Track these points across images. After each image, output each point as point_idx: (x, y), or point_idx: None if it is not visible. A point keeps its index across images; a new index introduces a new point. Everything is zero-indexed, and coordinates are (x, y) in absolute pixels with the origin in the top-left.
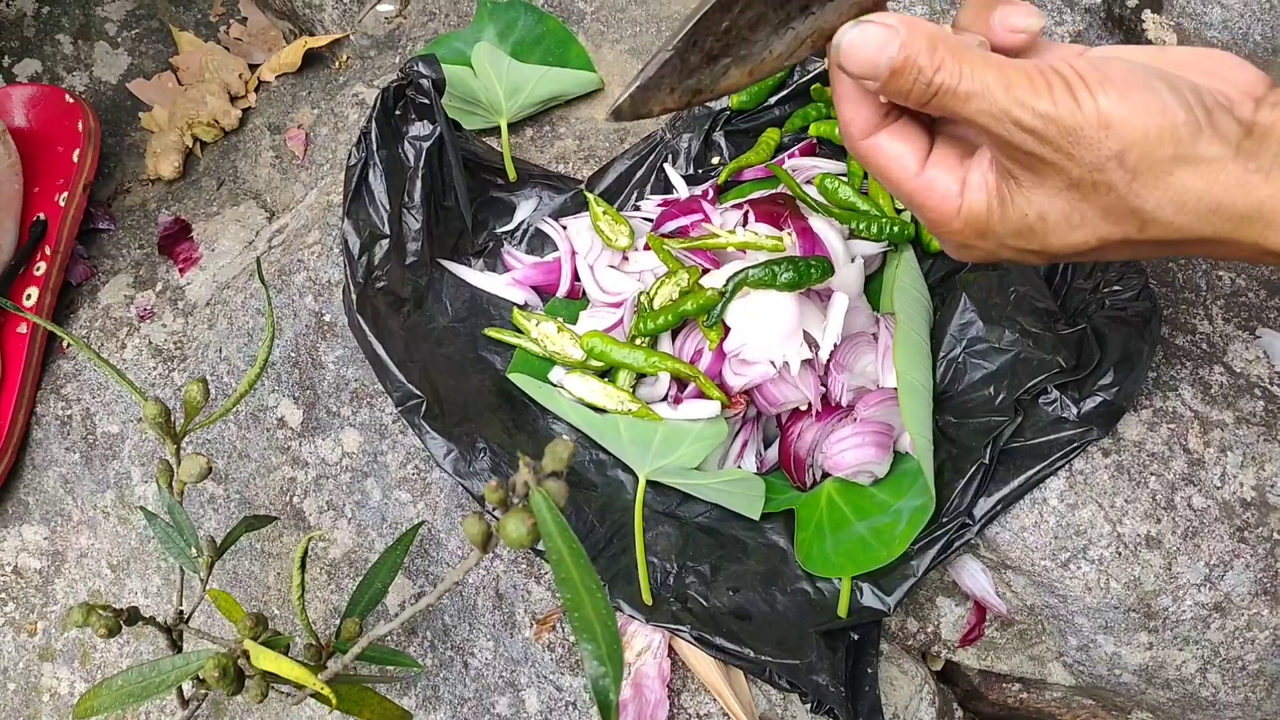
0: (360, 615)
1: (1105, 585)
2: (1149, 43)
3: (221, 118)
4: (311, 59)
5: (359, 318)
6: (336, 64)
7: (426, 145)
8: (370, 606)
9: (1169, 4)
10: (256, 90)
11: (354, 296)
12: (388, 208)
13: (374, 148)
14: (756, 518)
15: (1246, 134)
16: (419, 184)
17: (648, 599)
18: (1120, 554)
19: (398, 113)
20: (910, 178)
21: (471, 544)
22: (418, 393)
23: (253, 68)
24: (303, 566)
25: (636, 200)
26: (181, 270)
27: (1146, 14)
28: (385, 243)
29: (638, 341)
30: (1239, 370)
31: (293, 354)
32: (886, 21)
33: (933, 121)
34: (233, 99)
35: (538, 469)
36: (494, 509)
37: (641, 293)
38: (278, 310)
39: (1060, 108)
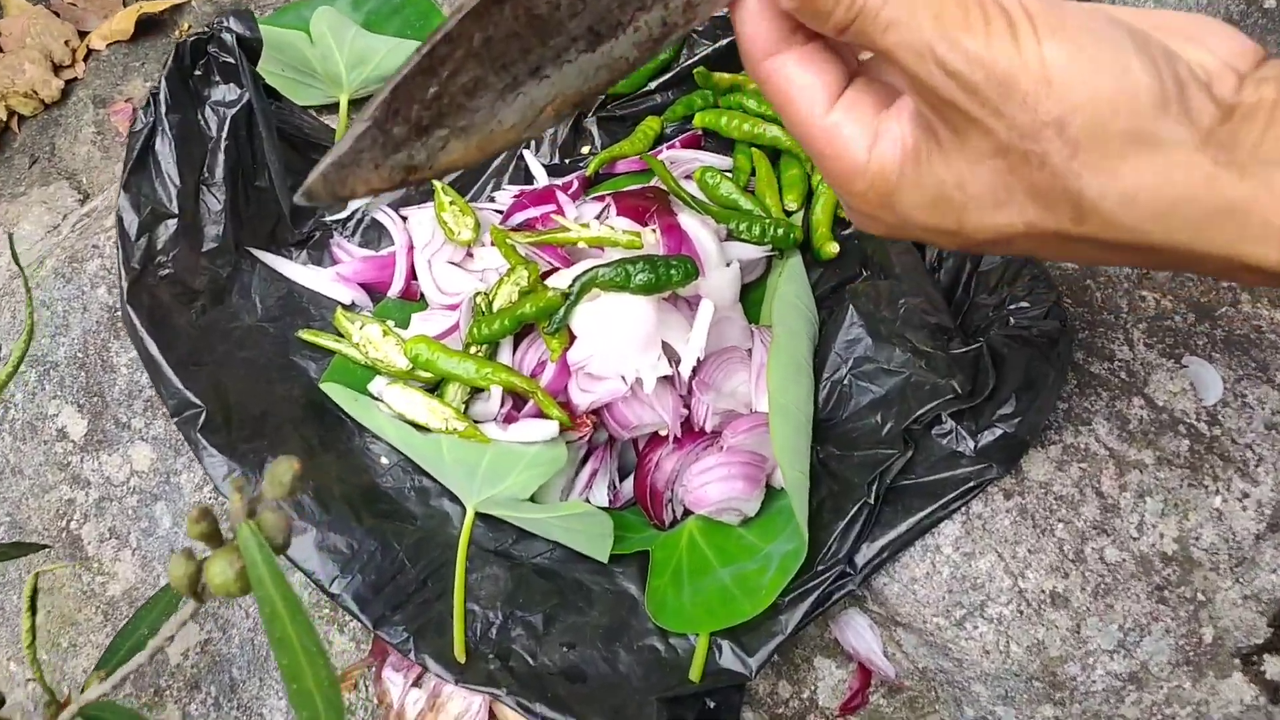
0: (111, 669)
1: (1005, 648)
2: None
3: (41, 88)
4: (149, 26)
5: (129, 310)
6: (177, 32)
7: (232, 113)
8: (131, 656)
9: None
10: (86, 59)
11: (126, 284)
12: (178, 183)
13: (163, 111)
14: (604, 559)
15: (1224, 117)
16: (221, 157)
17: (461, 655)
18: (1023, 612)
19: (198, 73)
20: (814, 118)
21: (175, 588)
22: (196, 401)
23: (84, 34)
24: (32, 608)
25: (492, 191)
26: None
27: None
28: (173, 223)
29: (473, 350)
30: (1161, 404)
31: (80, 354)
32: None
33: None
34: (57, 69)
35: (254, 497)
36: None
37: (479, 293)
38: (65, 303)
39: (994, 49)
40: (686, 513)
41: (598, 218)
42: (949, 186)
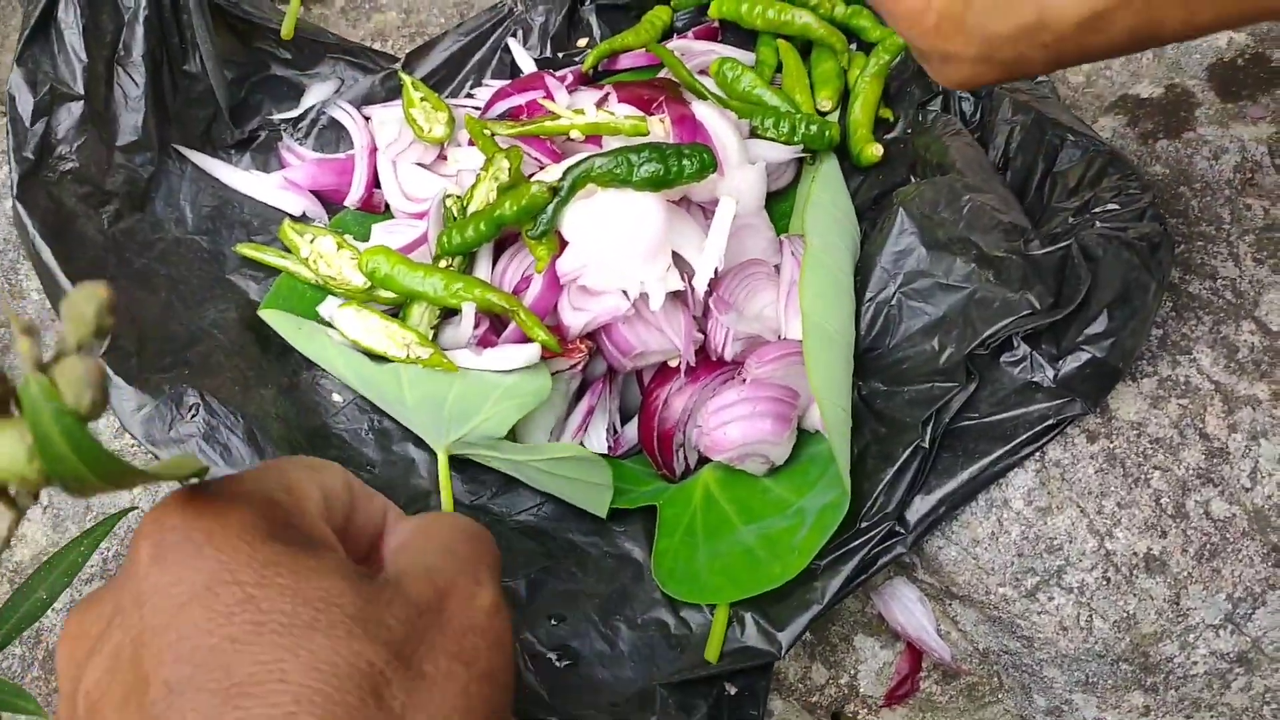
0: (3, 641)
1: (1087, 624)
2: None
3: None
4: None
5: (20, 208)
6: None
7: None
8: (25, 625)
9: None
10: None
11: (16, 177)
12: (84, 58)
13: None
14: (603, 514)
15: None
16: (140, 30)
17: None
18: (1110, 580)
19: None
20: None
21: None
22: None
23: None
24: None
25: (472, 88)
26: None
27: None
28: (77, 108)
29: (443, 264)
30: (1277, 328)
31: None
32: None
33: None
34: None
35: (59, 346)
36: None
37: (450, 196)
38: None
39: None
40: (702, 461)
41: (597, 106)
42: None
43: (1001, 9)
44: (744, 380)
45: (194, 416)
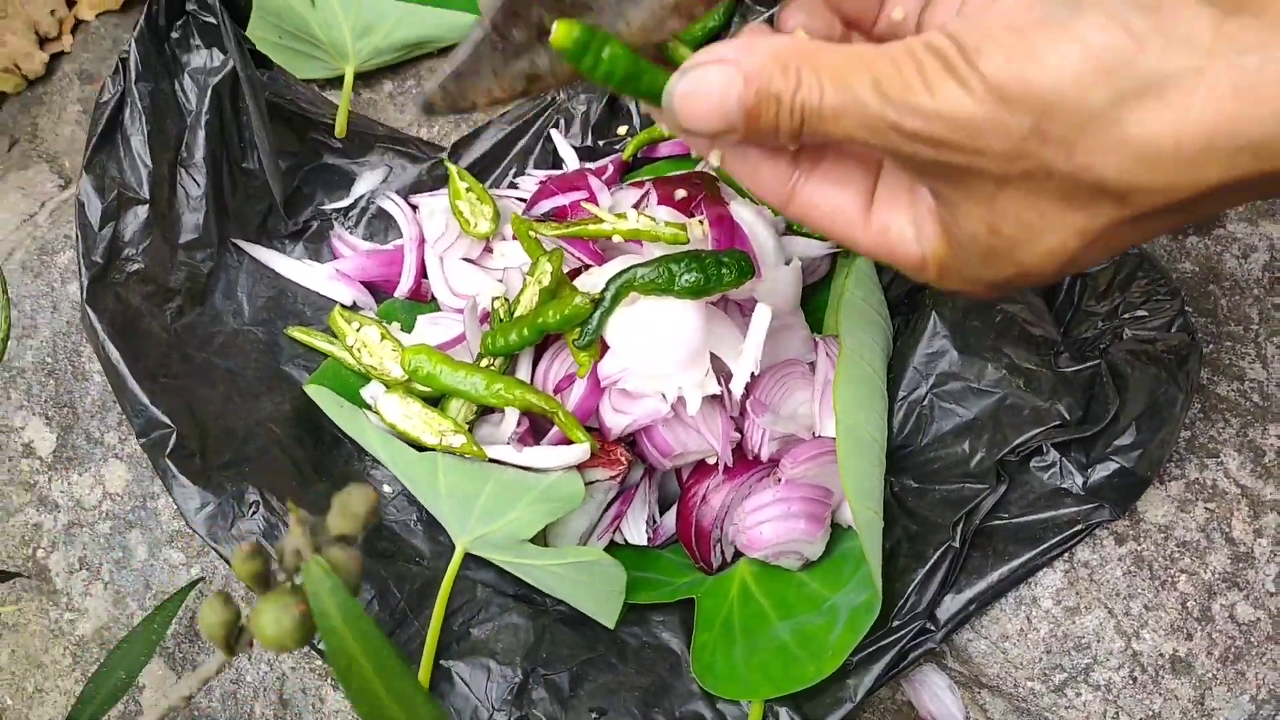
0: (90, 718)
1: None
2: None
3: (24, 62)
4: None
5: (89, 312)
6: None
7: (214, 82)
8: (109, 704)
9: None
10: (74, 31)
11: (86, 281)
12: (149, 164)
13: (133, 79)
14: (610, 624)
15: (1227, 13)
16: (201, 135)
17: None
18: (1136, 679)
19: (175, 35)
20: (858, 232)
21: (209, 639)
22: (165, 420)
23: (72, 4)
24: None
25: (515, 176)
26: None
27: None
28: (143, 210)
29: (485, 363)
30: None
31: (49, 359)
32: (717, 56)
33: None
34: (42, 41)
35: (318, 528)
36: (250, 587)
37: (497, 299)
38: (34, 300)
39: (940, 97)
40: (738, 554)
41: (635, 206)
42: (985, 238)
43: (984, 266)
44: (779, 480)
45: (254, 514)
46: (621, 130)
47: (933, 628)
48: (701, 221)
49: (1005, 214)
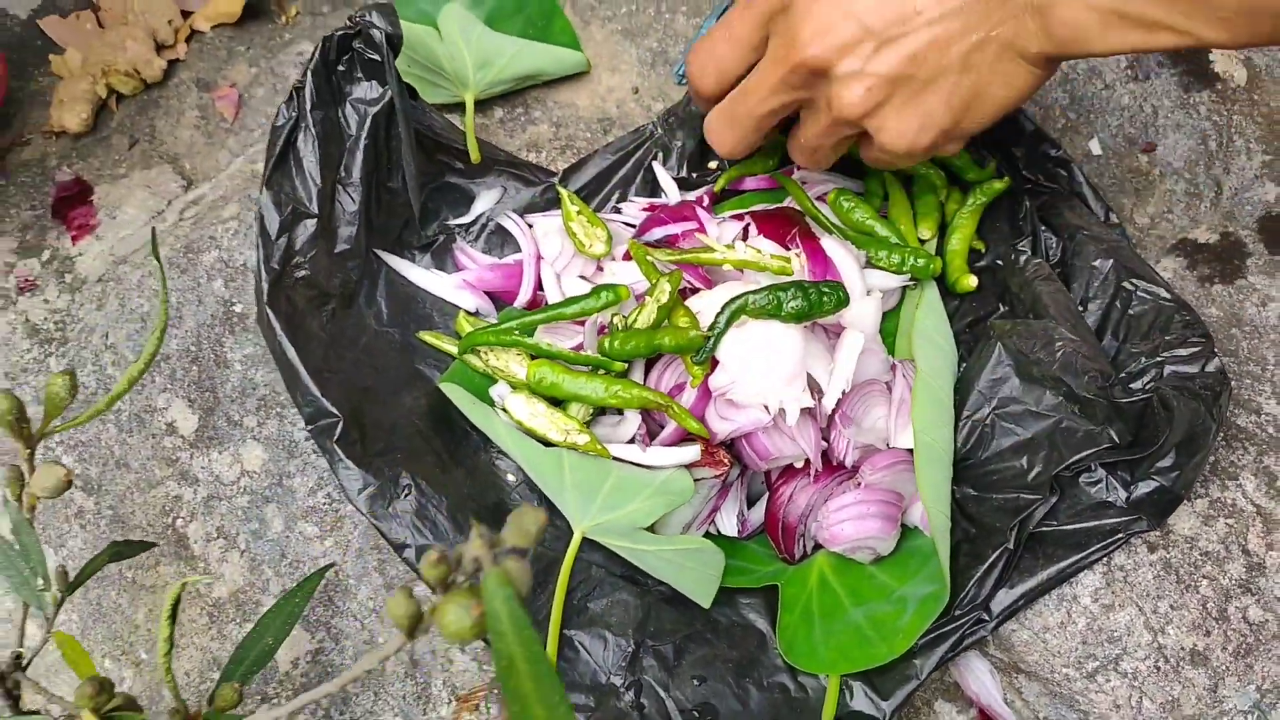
0: (242, 679)
1: (1138, 704)
2: (1215, 76)
3: (143, 67)
4: (255, 10)
5: (269, 312)
6: (284, 18)
7: (373, 111)
8: (257, 668)
9: None
10: (188, 40)
11: (266, 285)
12: (318, 182)
13: (308, 107)
14: (706, 604)
15: None
16: (359, 157)
17: None
18: (1159, 669)
19: (341, 69)
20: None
21: (396, 626)
22: (333, 410)
23: (187, 15)
24: (173, 618)
25: (617, 202)
26: (75, 238)
27: None
28: (311, 224)
29: (600, 371)
30: None
31: (193, 348)
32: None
33: None
34: (159, 48)
35: (495, 542)
36: (433, 587)
37: (615, 313)
38: (180, 294)
39: None
40: (817, 547)
41: (739, 239)
42: None
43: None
44: (859, 484)
45: (407, 496)
46: (712, 165)
47: (986, 618)
48: (799, 254)
49: None
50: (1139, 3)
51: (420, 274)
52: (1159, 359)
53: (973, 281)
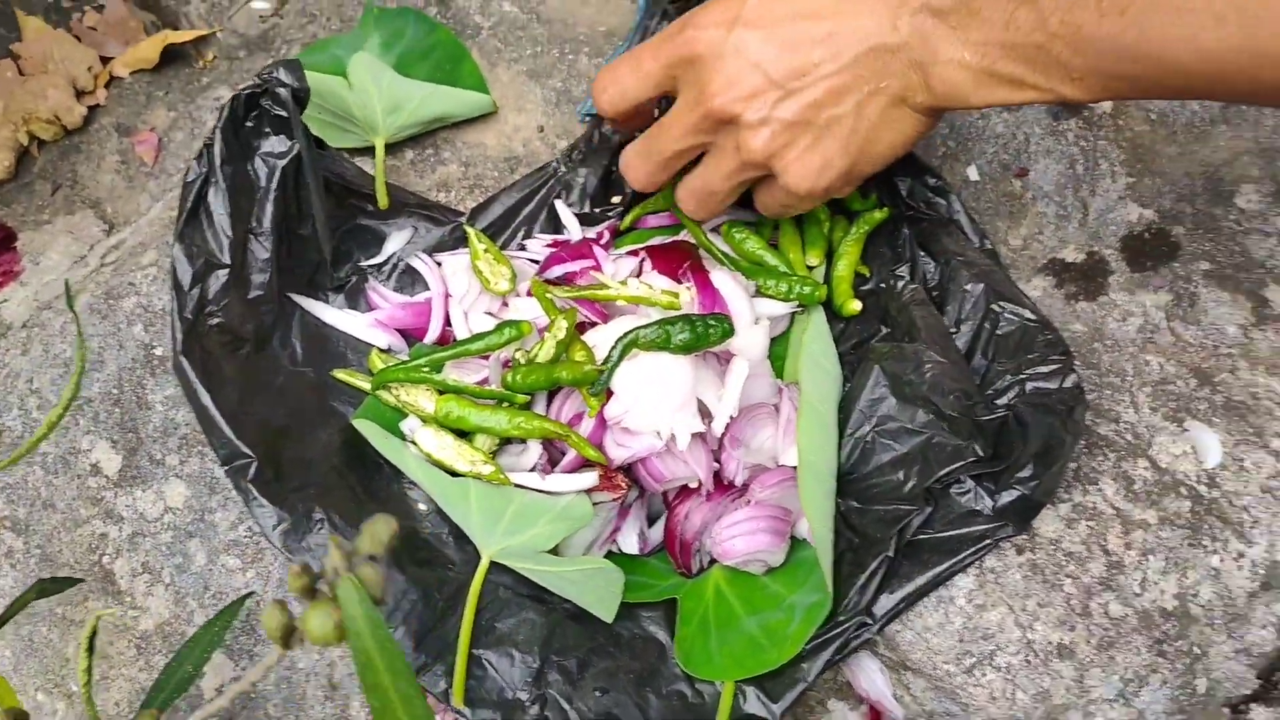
0: (161, 705)
1: (1011, 696)
2: (1082, 104)
3: (64, 114)
4: (173, 56)
5: (183, 361)
6: (201, 63)
7: (281, 164)
8: (177, 694)
9: None
10: (108, 86)
11: (180, 335)
12: (229, 234)
13: (218, 163)
14: (609, 619)
15: None
16: (269, 208)
17: (459, 700)
18: (1030, 662)
19: (249, 124)
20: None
21: (270, 638)
22: (247, 452)
23: (106, 61)
24: (90, 649)
25: (523, 239)
26: (0, 285)
27: None
28: (224, 273)
29: (504, 404)
30: (1165, 465)
31: (115, 390)
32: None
33: None
34: (79, 94)
35: (351, 551)
36: (299, 598)
37: (519, 350)
38: (101, 339)
39: None
40: (713, 561)
41: (635, 274)
42: None
43: None
44: (750, 501)
45: (320, 529)
46: (615, 199)
47: (870, 622)
48: (689, 288)
49: None
50: (1006, 64)
51: (333, 314)
52: (1022, 376)
53: (857, 306)
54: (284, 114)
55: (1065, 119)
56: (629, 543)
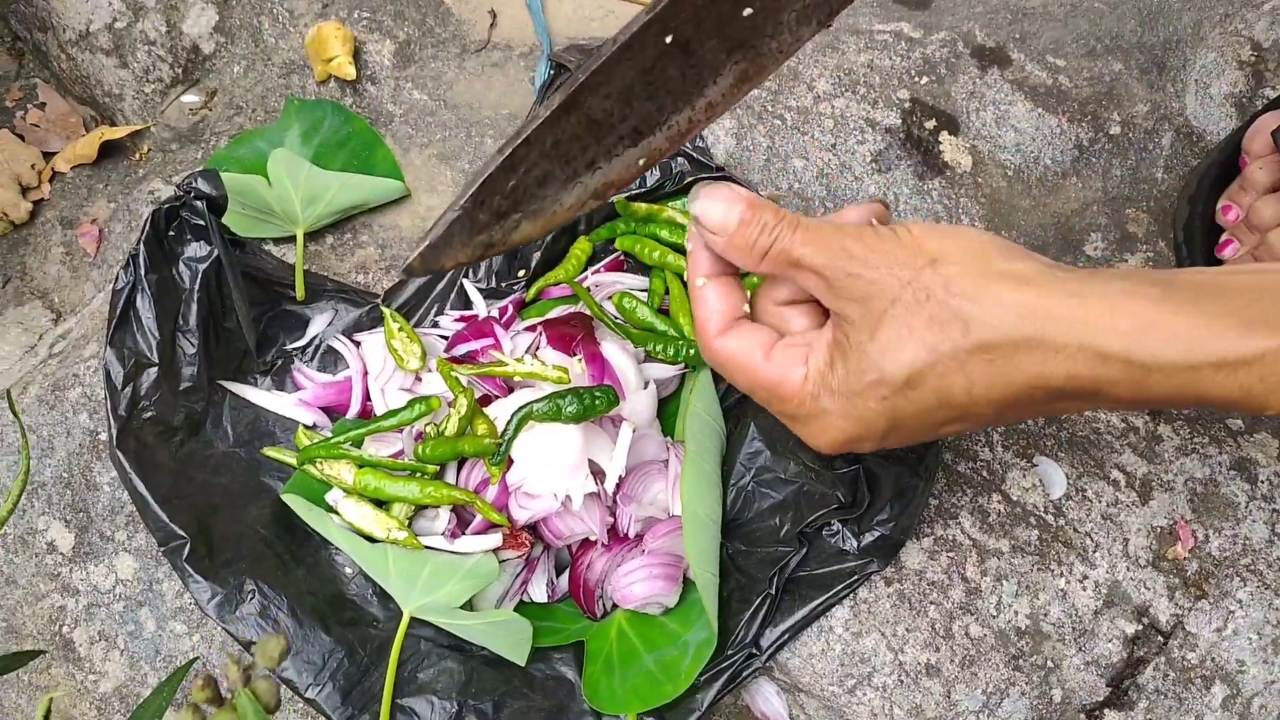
0: None
1: (890, 712)
2: (945, 165)
3: (10, 210)
4: (111, 149)
5: (119, 453)
6: (137, 155)
7: (203, 267)
8: None
9: (965, 127)
10: (51, 180)
11: (114, 431)
12: (157, 335)
13: (143, 272)
14: (522, 663)
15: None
16: (195, 307)
17: None
18: (903, 681)
19: (171, 233)
20: (758, 363)
21: None
22: (180, 533)
23: (49, 156)
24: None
25: (436, 315)
26: None
27: (944, 135)
28: (154, 371)
29: (417, 474)
30: (1015, 498)
31: (65, 474)
32: (731, 187)
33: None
34: (24, 190)
35: (247, 665)
36: (205, 704)
37: (430, 423)
38: (50, 427)
39: (882, 238)
40: (615, 605)
41: (531, 350)
42: (866, 344)
43: (855, 372)
44: (643, 550)
45: (251, 600)
46: (521, 273)
47: (758, 653)
48: (580, 360)
49: (886, 326)
50: None
51: (261, 396)
52: None
53: None
54: (203, 222)
55: (930, 178)
56: (539, 592)
